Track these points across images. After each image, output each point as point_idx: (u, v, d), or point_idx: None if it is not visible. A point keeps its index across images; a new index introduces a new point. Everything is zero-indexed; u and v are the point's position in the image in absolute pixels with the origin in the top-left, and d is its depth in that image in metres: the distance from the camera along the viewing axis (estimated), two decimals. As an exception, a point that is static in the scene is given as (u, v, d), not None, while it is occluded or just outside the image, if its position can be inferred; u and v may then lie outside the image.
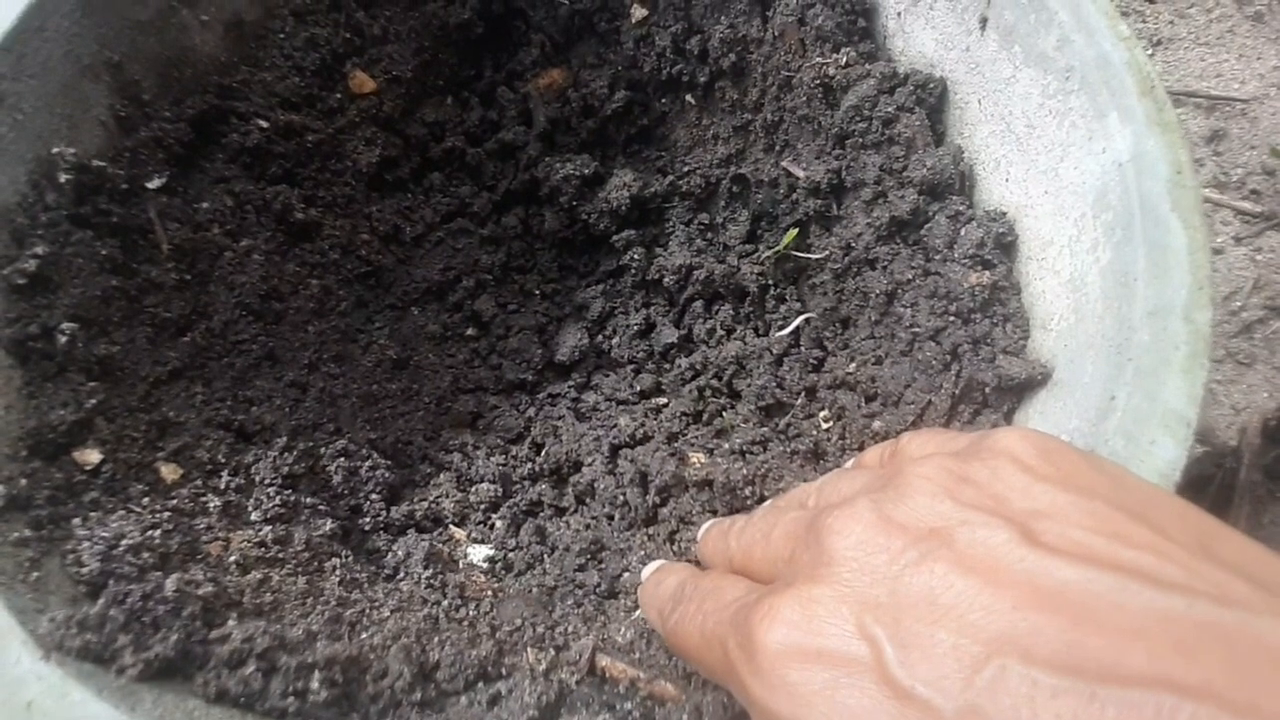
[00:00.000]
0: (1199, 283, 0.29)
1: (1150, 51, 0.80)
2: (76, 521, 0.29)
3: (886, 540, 0.21)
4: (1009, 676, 0.18)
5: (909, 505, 0.22)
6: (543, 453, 0.46)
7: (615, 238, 0.49)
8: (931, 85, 0.41)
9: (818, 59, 0.43)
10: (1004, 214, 0.38)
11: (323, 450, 0.41)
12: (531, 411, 0.48)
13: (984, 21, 0.38)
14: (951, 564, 0.20)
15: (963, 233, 0.38)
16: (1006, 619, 0.18)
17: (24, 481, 0.29)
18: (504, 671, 0.31)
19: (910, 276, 0.39)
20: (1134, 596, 0.18)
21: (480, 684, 0.31)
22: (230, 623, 0.29)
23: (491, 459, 0.45)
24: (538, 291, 0.52)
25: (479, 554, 0.40)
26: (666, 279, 0.49)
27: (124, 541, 0.29)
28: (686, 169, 0.51)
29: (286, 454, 0.38)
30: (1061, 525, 0.20)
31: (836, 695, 0.20)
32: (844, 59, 0.42)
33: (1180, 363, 0.28)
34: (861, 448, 0.39)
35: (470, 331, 0.50)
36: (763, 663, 0.21)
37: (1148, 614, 0.17)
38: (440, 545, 0.40)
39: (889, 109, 0.41)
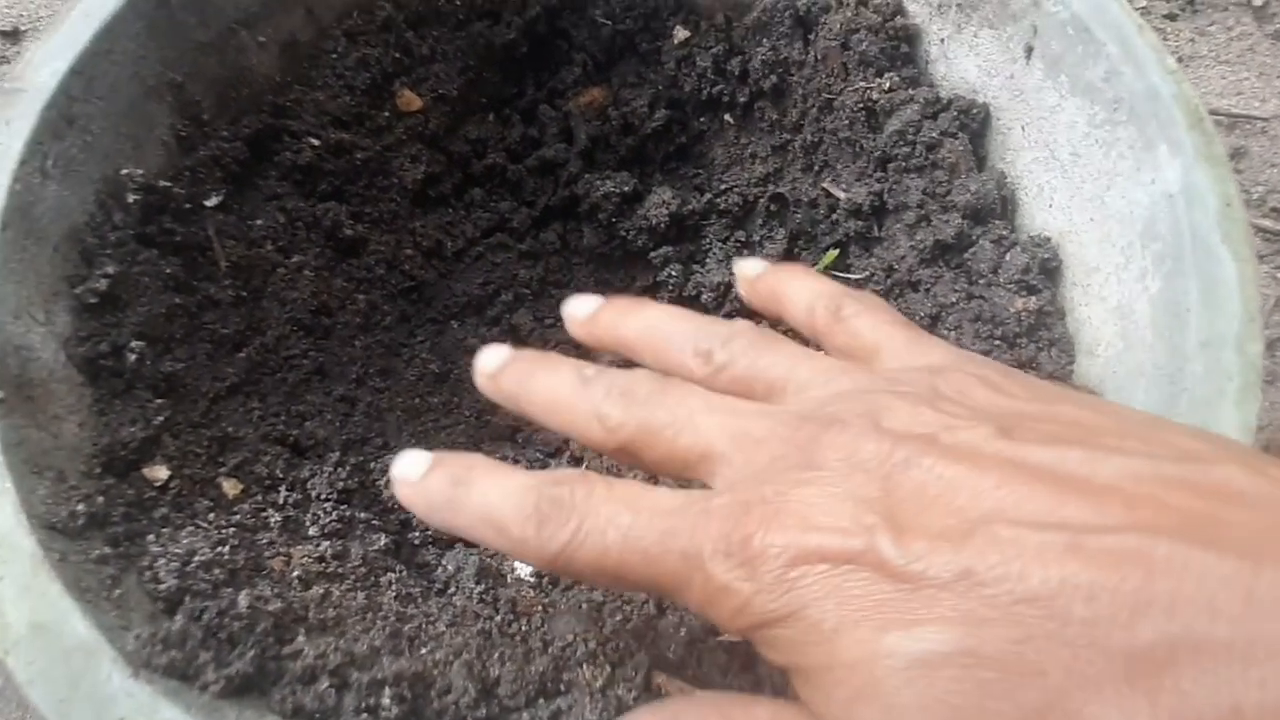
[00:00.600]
0: (1250, 315, 0.30)
1: (1172, 69, 0.81)
2: (150, 538, 0.30)
3: (875, 445, 0.22)
4: (996, 538, 0.19)
5: (894, 412, 0.23)
6: (583, 466, 0.46)
7: (653, 254, 0.50)
8: (975, 111, 0.41)
9: (860, 83, 0.44)
10: (1048, 239, 0.38)
11: (372, 465, 0.41)
12: (571, 426, 0.49)
13: (1029, 50, 0.39)
14: (938, 458, 0.21)
15: (1007, 258, 0.38)
16: (991, 497, 0.20)
17: (100, 499, 0.30)
18: (562, 688, 0.32)
19: (954, 300, 0.39)
20: (1103, 465, 0.20)
21: (541, 700, 0.31)
22: (300, 639, 0.29)
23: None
24: (575, 306, 0.52)
25: (527, 569, 0.41)
26: (704, 296, 0.49)
27: (196, 558, 0.30)
28: (724, 187, 0.51)
29: (340, 469, 0.39)
30: (1032, 423, 0.22)
31: (835, 587, 0.20)
32: (887, 84, 0.43)
33: (1234, 394, 0.28)
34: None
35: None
36: (760, 567, 0.21)
37: (1118, 476, 0.19)
38: (489, 560, 0.40)
39: (932, 134, 0.41)
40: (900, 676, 0.19)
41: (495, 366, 0.29)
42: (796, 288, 0.31)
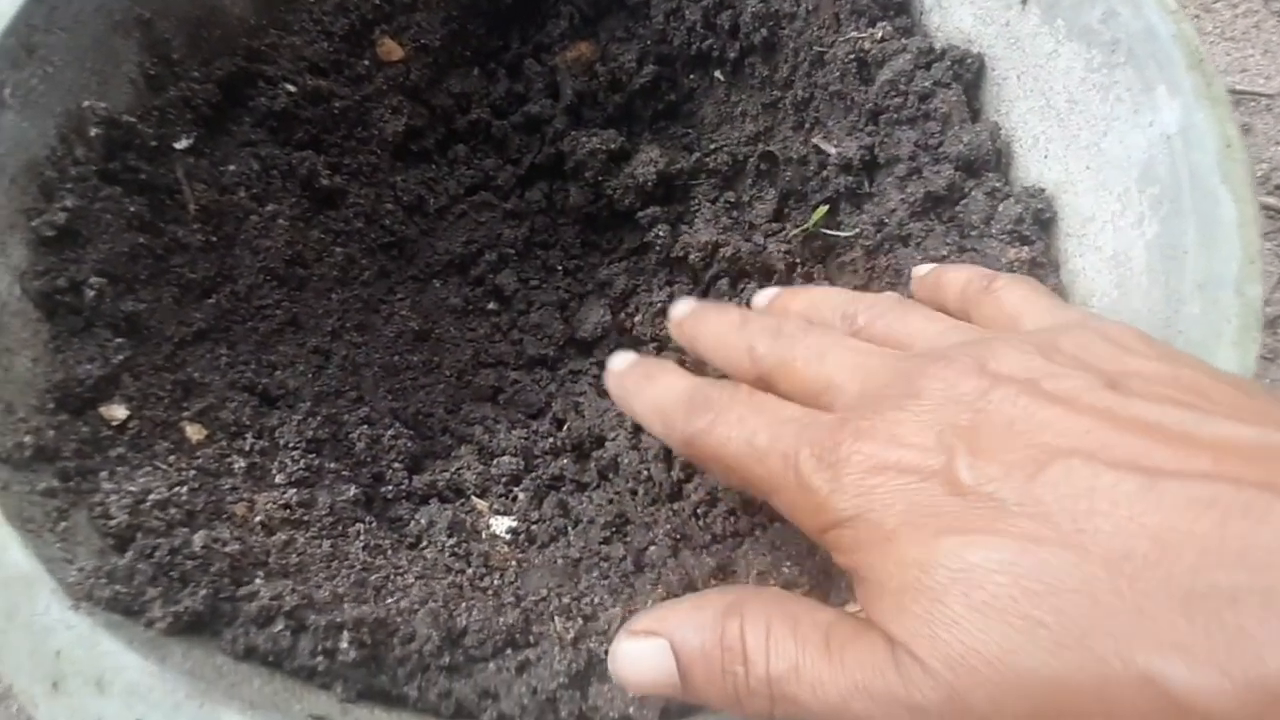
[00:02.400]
0: (1250, 256, 0.29)
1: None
2: (104, 475, 0.29)
3: (975, 382, 0.22)
4: (1072, 472, 0.19)
5: (1002, 357, 0.23)
6: (564, 428, 0.45)
7: (640, 214, 0.49)
8: (969, 61, 0.40)
9: (852, 33, 0.42)
10: (1042, 190, 0.37)
11: (345, 417, 0.40)
12: (553, 387, 0.48)
13: (1026, -5, 0.38)
14: (1034, 398, 0.21)
15: (1000, 209, 0.37)
16: (1077, 437, 0.20)
17: (51, 433, 0.29)
18: (532, 639, 0.31)
19: (945, 253, 0.38)
20: (1207, 426, 0.19)
21: (508, 651, 0.30)
22: (258, 581, 0.28)
23: (513, 433, 0.44)
24: (560, 267, 0.51)
25: (502, 525, 0.40)
26: (691, 256, 0.48)
27: (151, 497, 0.29)
28: (714, 146, 0.50)
29: (310, 419, 0.38)
30: (1146, 382, 0.21)
31: (904, 496, 0.21)
32: (879, 33, 0.42)
33: (1232, 335, 0.27)
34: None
35: (492, 306, 0.50)
36: (842, 471, 0.22)
37: (1218, 437, 0.19)
38: (463, 515, 0.39)
39: (925, 84, 0.40)
40: (950, 578, 0.19)
41: (682, 314, 0.35)
42: (954, 274, 0.33)
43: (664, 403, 0.29)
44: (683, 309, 0.35)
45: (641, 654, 0.24)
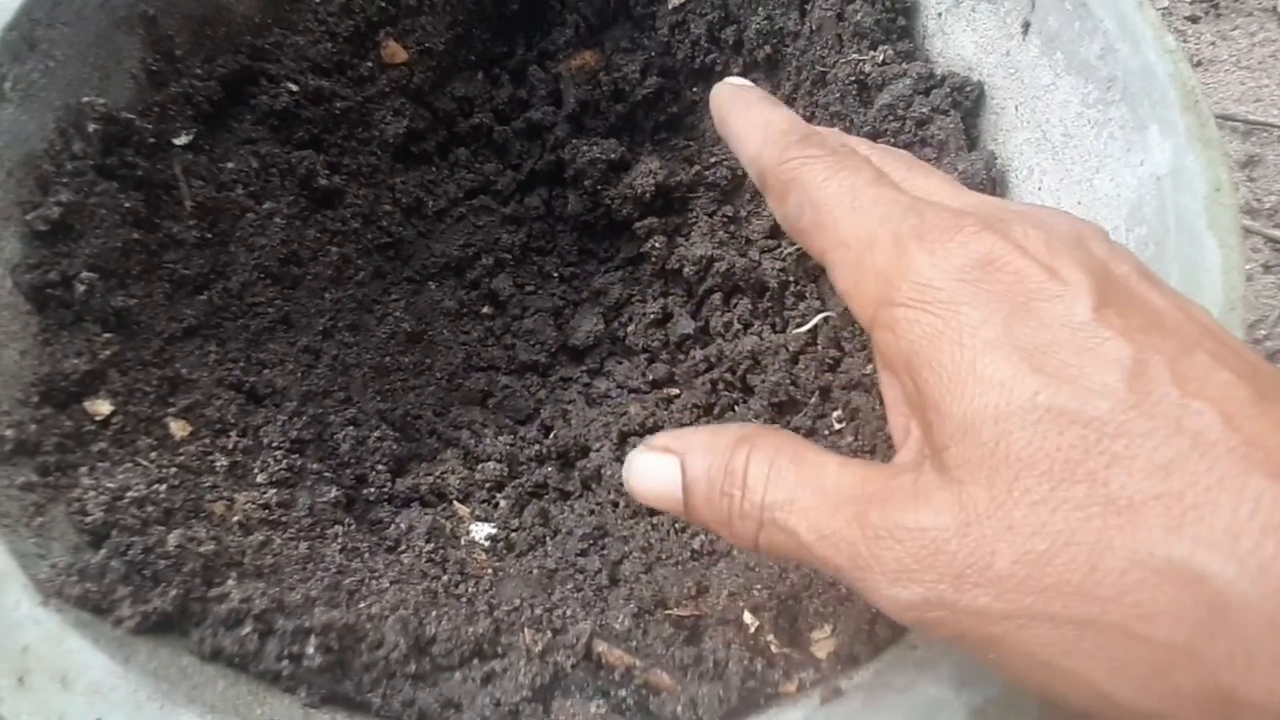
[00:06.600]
0: (1231, 303, 0.28)
1: (1190, 72, 0.79)
2: (83, 470, 0.29)
3: (1108, 247, 0.23)
4: (1194, 356, 0.19)
5: (1124, 253, 0.23)
6: (551, 435, 0.45)
7: (637, 225, 0.49)
8: (969, 88, 0.40)
9: (854, 55, 0.42)
10: (1034, 223, 0.37)
11: (332, 418, 0.41)
12: (542, 394, 0.48)
13: (1026, 26, 0.38)
14: (1156, 290, 0.22)
15: (991, 239, 0.37)
16: (1199, 336, 0.20)
17: (33, 427, 0.29)
18: (500, 650, 0.31)
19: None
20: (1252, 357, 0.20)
21: (475, 661, 0.30)
22: (230, 582, 0.29)
23: (499, 438, 0.45)
24: (556, 274, 0.51)
25: (481, 532, 0.40)
26: (686, 269, 0.48)
27: (129, 494, 0.29)
28: (713, 160, 0.50)
29: (295, 419, 0.38)
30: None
31: (1010, 300, 0.20)
32: (881, 57, 0.42)
33: (1207, 383, 0.27)
34: (874, 450, 0.38)
35: (486, 310, 0.50)
36: (953, 245, 0.21)
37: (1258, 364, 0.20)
38: (443, 520, 0.39)
39: (923, 110, 0.40)
40: (1032, 416, 0.19)
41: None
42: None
43: (776, 122, 0.28)
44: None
45: (654, 466, 0.25)
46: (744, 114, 0.30)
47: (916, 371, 0.21)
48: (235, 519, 0.32)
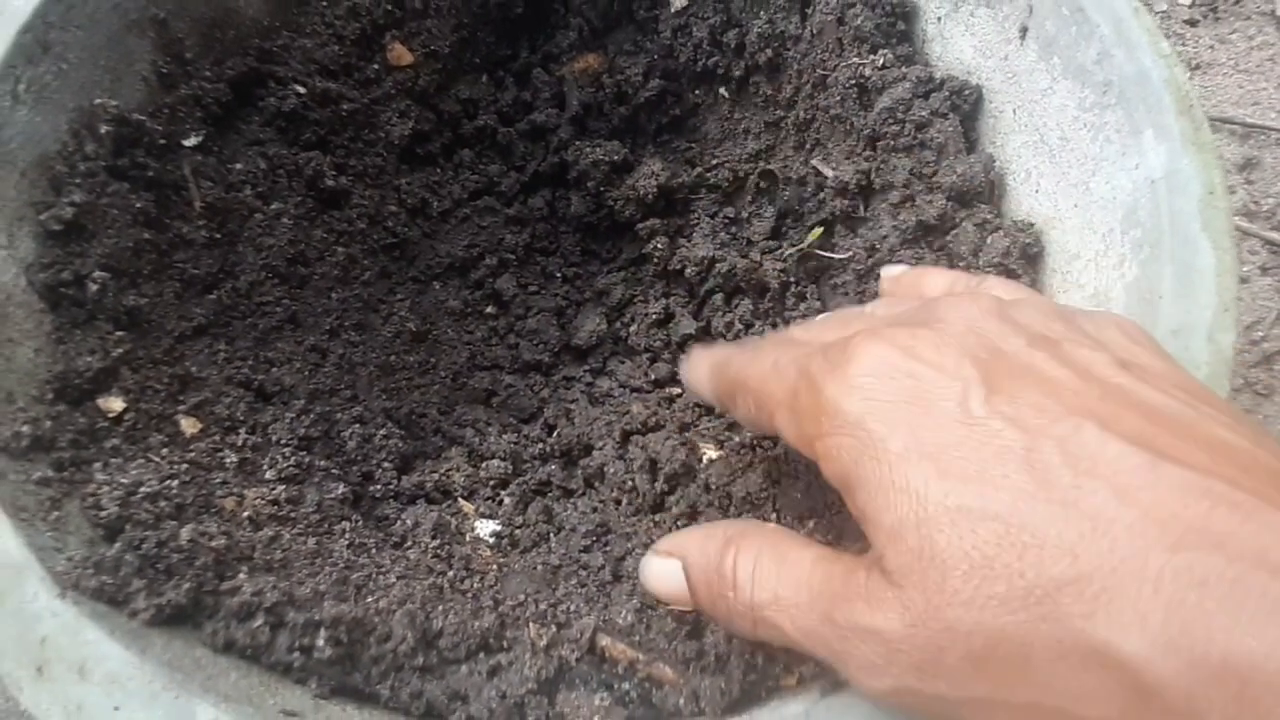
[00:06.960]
0: (1224, 305, 0.29)
1: (1189, 75, 0.79)
2: (97, 466, 0.30)
3: (999, 323, 0.23)
4: (1083, 432, 0.19)
5: (1026, 312, 0.24)
6: (554, 434, 0.46)
7: (640, 226, 0.50)
8: (967, 92, 0.40)
9: (854, 59, 0.43)
10: (1031, 225, 0.38)
11: (339, 415, 0.41)
12: (546, 393, 0.49)
13: (1024, 31, 0.38)
14: (1054, 355, 0.22)
15: (989, 241, 0.38)
16: (1093, 403, 0.20)
17: (49, 424, 0.29)
18: (505, 644, 0.32)
19: (933, 281, 0.39)
20: (1203, 426, 0.20)
21: (481, 654, 0.31)
22: (241, 576, 0.29)
23: (504, 437, 0.45)
24: (559, 274, 0.52)
25: (486, 529, 0.40)
26: (688, 270, 0.49)
27: (142, 489, 0.30)
28: (715, 162, 0.51)
29: (303, 416, 0.39)
30: (1157, 377, 0.22)
31: (909, 407, 0.21)
32: (880, 60, 0.42)
33: (1202, 382, 0.28)
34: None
35: (490, 309, 0.51)
36: (850, 369, 0.23)
37: (1214, 440, 0.20)
38: (448, 517, 0.40)
39: (923, 113, 0.41)
40: (946, 518, 0.20)
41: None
42: (937, 276, 0.34)
43: (711, 360, 0.33)
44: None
45: (662, 570, 0.29)
46: (694, 369, 0.35)
47: (851, 491, 0.23)
48: (245, 514, 0.33)
